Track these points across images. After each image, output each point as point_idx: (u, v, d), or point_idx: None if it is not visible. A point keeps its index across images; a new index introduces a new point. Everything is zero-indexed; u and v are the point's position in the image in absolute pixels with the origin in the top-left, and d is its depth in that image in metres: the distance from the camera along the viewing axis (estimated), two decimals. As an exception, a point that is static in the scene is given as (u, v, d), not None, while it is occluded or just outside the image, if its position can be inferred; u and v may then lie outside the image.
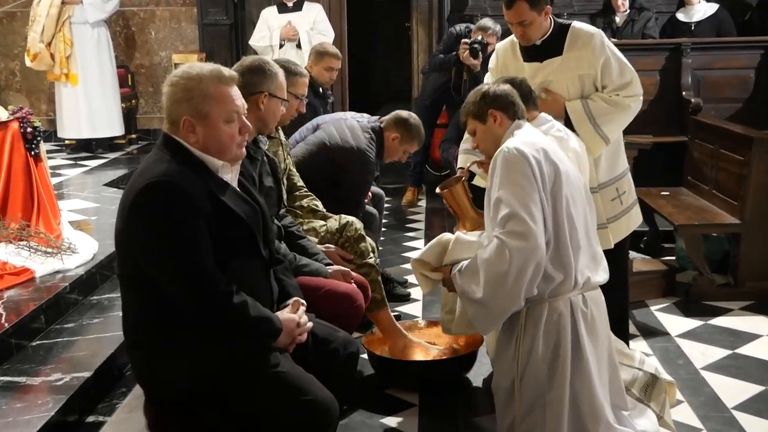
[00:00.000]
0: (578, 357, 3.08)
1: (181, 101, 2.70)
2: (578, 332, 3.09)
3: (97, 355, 3.86)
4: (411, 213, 8.05)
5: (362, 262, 4.25)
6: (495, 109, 3.25)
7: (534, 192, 2.99)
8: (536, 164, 3.02)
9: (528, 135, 3.17)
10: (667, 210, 5.70)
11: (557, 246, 3.05)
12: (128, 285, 2.77)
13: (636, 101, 3.98)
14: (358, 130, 4.88)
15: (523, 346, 3.11)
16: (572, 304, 3.09)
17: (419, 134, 4.99)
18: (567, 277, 3.07)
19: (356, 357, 3.18)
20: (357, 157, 4.77)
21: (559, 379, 3.06)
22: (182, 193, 2.59)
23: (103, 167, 7.92)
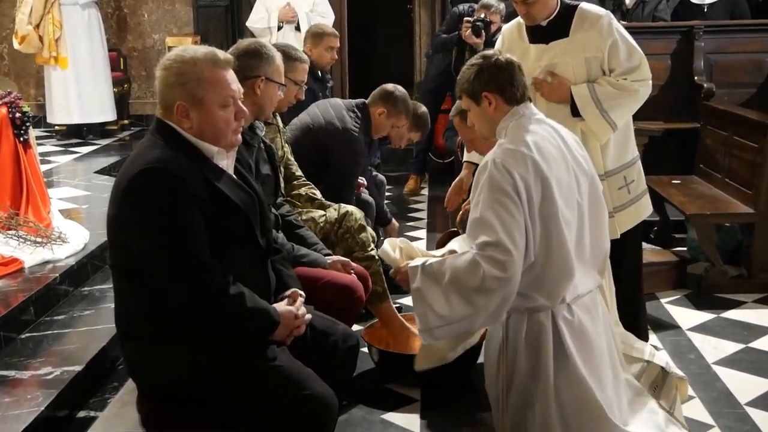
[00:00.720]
0: (564, 365, 3.04)
1: (175, 85, 2.69)
2: (562, 341, 3.04)
3: (88, 348, 3.86)
4: (413, 201, 8.05)
5: (363, 255, 4.25)
6: (490, 92, 3.11)
7: (519, 216, 2.90)
8: (523, 186, 2.91)
9: (523, 134, 3.05)
10: (678, 199, 5.69)
11: (543, 271, 2.98)
12: (121, 275, 2.77)
13: (644, 86, 3.96)
14: (342, 109, 4.88)
15: (507, 359, 3.11)
16: (554, 314, 3.05)
17: (406, 106, 4.97)
18: (549, 300, 3.03)
19: (356, 350, 3.18)
20: (341, 136, 4.76)
21: (543, 390, 3.04)
22: (176, 180, 2.59)
23: (95, 154, 7.92)
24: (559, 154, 3.06)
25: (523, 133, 3.05)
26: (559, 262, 2.99)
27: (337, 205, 4.39)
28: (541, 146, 3.02)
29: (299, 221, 3.98)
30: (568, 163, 3.07)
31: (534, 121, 3.11)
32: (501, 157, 2.97)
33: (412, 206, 7.87)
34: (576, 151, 3.17)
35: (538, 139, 3.04)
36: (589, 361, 3.09)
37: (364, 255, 4.27)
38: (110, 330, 3.89)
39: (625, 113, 3.99)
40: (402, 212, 7.62)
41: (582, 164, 3.15)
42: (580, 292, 3.09)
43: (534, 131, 3.07)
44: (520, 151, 2.98)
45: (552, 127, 3.17)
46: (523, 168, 2.95)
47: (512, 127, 3.08)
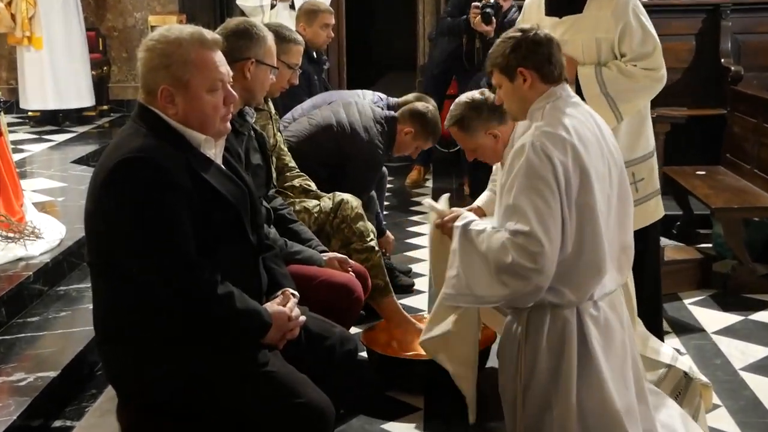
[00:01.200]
0: (588, 366, 3.04)
1: (159, 68, 2.69)
2: (587, 339, 3.03)
3: (64, 353, 3.86)
4: (416, 194, 8.05)
5: (362, 246, 4.25)
6: (526, 68, 3.07)
7: (556, 205, 2.89)
8: (562, 172, 2.90)
9: (561, 117, 3.03)
10: (702, 191, 5.70)
11: (574, 265, 2.97)
12: (100, 274, 2.77)
13: (655, 77, 3.94)
14: (369, 119, 4.86)
15: (526, 357, 3.09)
16: (579, 309, 3.05)
17: (435, 131, 4.99)
18: (577, 296, 3.02)
19: (354, 355, 3.19)
20: (366, 149, 4.78)
21: (564, 394, 3.02)
22: (160, 171, 2.59)
23: (71, 142, 7.92)
24: (596, 142, 3.04)
25: (560, 116, 3.02)
26: (591, 256, 2.97)
27: (332, 194, 4.39)
28: (580, 131, 3.01)
29: (293, 215, 3.98)
30: (603, 151, 3.06)
31: (571, 104, 3.09)
32: (540, 141, 2.95)
33: (415, 199, 7.87)
34: (609, 140, 3.15)
35: (577, 124, 3.02)
36: (611, 364, 3.09)
37: (363, 246, 4.27)
38: (88, 333, 3.88)
39: (631, 104, 3.96)
40: (404, 205, 7.62)
41: (614, 154, 3.14)
42: (607, 290, 3.09)
43: (572, 115, 3.04)
44: (559, 135, 2.96)
45: (588, 112, 3.15)
46: (563, 153, 2.93)
47: (549, 109, 3.05)
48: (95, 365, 3.93)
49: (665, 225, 5.76)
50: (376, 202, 5.28)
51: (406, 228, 6.87)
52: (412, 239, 6.54)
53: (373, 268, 4.22)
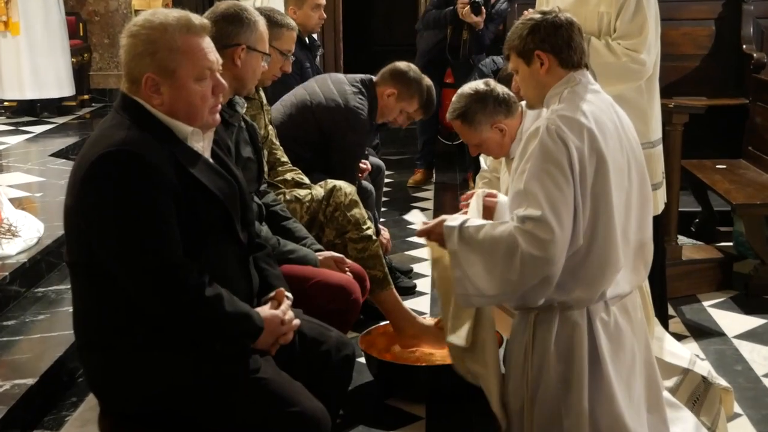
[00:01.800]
0: (597, 374, 3.04)
1: (143, 55, 2.69)
2: (597, 345, 3.03)
3: (42, 359, 3.86)
4: (416, 190, 8.05)
5: (359, 235, 4.25)
6: (544, 52, 3.07)
7: (569, 192, 2.89)
8: (578, 158, 2.90)
9: (579, 103, 3.02)
10: (723, 187, 5.69)
11: (585, 258, 2.97)
12: (80, 275, 2.78)
13: (635, 59, 3.96)
14: (344, 84, 4.88)
15: (533, 363, 3.09)
16: (589, 312, 3.05)
17: (420, 90, 4.96)
18: (588, 292, 3.01)
19: (352, 361, 3.19)
20: (344, 116, 4.77)
21: (575, 403, 3.02)
22: (144, 165, 2.59)
23: (50, 134, 7.92)
24: (615, 132, 3.04)
25: (579, 101, 3.02)
26: (604, 250, 2.96)
27: (324, 182, 4.39)
28: (599, 119, 3.00)
29: (286, 212, 3.98)
30: (623, 143, 3.05)
31: (591, 91, 3.08)
32: (555, 124, 2.94)
33: (416, 195, 7.88)
34: (630, 133, 3.15)
35: (596, 111, 3.01)
36: (619, 373, 3.08)
37: (360, 235, 4.27)
38: (68, 337, 3.89)
39: (610, 85, 3.93)
40: (405, 201, 7.63)
41: (636, 150, 3.13)
42: (621, 292, 3.08)
43: (591, 101, 3.04)
44: (576, 120, 2.95)
45: (609, 102, 3.15)
46: (579, 138, 2.92)
47: (567, 95, 3.05)
48: (75, 372, 3.94)
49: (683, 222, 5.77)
50: (373, 195, 5.28)
51: (406, 226, 6.87)
52: (413, 237, 6.53)
53: (371, 258, 4.22)
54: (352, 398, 3.96)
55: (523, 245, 2.86)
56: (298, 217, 4.15)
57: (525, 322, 3.11)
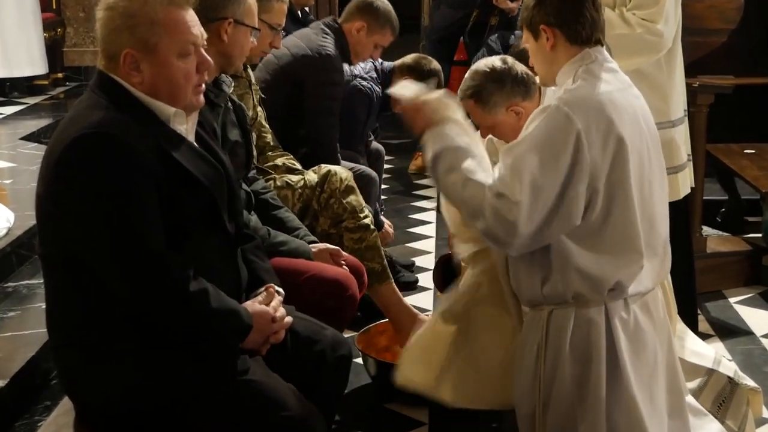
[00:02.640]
0: (615, 376, 3.05)
1: (121, 30, 2.69)
2: (616, 345, 3.03)
3: (13, 359, 3.87)
4: (418, 177, 8.06)
5: (355, 224, 4.26)
6: (549, 26, 3.06)
7: (557, 179, 2.87)
8: (586, 141, 2.88)
9: (595, 82, 3.01)
10: (751, 173, 5.70)
11: (603, 251, 2.97)
12: (54, 268, 2.78)
13: (651, 30, 3.96)
14: (308, 34, 4.97)
15: (546, 364, 3.09)
16: (608, 309, 3.04)
17: (390, 19, 5.03)
18: (603, 288, 3.02)
19: (348, 361, 3.20)
20: (310, 59, 4.82)
21: (592, 408, 3.02)
22: (123, 149, 2.60)
23: (21, 116, 7.91)
24: (633, 116, 3.04)
25: (594, 80, 3.01)
26: (620, 240, 2.97)
27: (318, 167, 4.40)
28: (616, 100, 2.99)
29: (277, 200, 3.99)
30: (641, 128, 3.05)
31: (607, 69, 3.07)
32: (567, 101, 2.93)
33: (418, 182, 7.88)
34: (648, 118, 3.15)
35: (613, 90, 3.01)
36: (639, 375, 3.09)
37: (357, 224, 4.28)
38: (41, 336, 3.89)
39: (625, 58, 3.93)
40: (406, 188, 7.64)
41: (655, 135, 3.14)
42: (643, 288, 3.08)
43: (607, 80, 3.03)
44: (589, 99, 2.95)
45: (628, 82, 3.14)
46: (593, 120, 2.91)
47: (581, 73, 3.03)
48: (49, 373, 3.94)
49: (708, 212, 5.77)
50: (376, 183, 5.28)
51: (408, 215, 6.88)
52: (416, 228, 6.55)
53: (369, 249, 4.23)
54: (349, 402, 3.98)
55: (489, 219, 2.87)
56: (290, 205, 4.16)
57: (537, 320, 3.12)
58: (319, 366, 3.08)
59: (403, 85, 3.23)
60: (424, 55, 5.70)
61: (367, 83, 5.39)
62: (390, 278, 4.36)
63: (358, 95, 5.36)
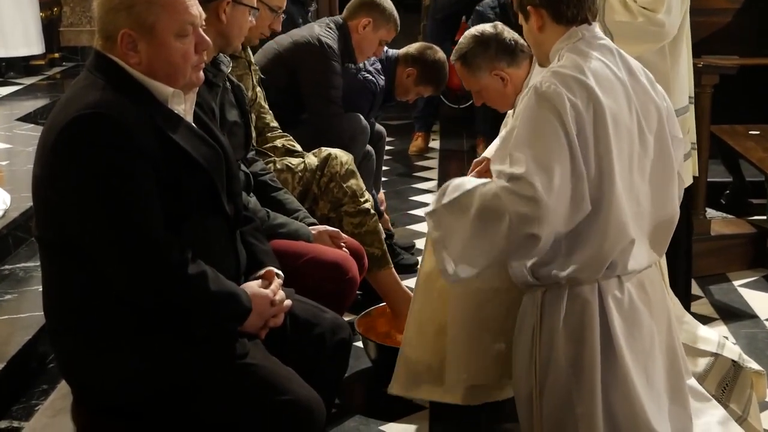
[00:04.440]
0: (611, 357, 3.05)
1: (118, 9, 2.68)
2: (609, 324, 3.05)
3: (9, 343, 3.87)
4: (419, 158, 8.05)
5: (355, 208, 4.25)
6: (535, 7, 3.12)
7: (562, 153, 2.90)
8: (573, 116, 2.92)
9: (578, 58, 3.05)
10: (756, 155, 5.69)
11: (591, 220, 2.98)
12: (51, 251, 2.78)
13: (652, 20, 3.87)
14: (312, 25, 5.04)
15: (541, 345, 3.10)
16: (601, 288, 3.06)
17: (394, 14, 5.08)
18: (594, 263, 3.02)
19: (348, 345, 3.20)
20: (309, 47, 4.87)
21: (588, 389, 3.03)
22: (121, 129, 2.59)
23: (17, 96, 7.89)
24: (622, 90, 3.05)
25: (578, 57, 3.06)
26: (609, 214, 2.99)
27: (318, 149, 4.40)
28: (600, 74, 3.03)
29: (276, 182, 3.98)
30: (631, 102, 3.06)
31: (597, 47, 3.10)
32: (549, 81, 2.98)
33: (419, 163, 7.87)
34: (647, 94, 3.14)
35: (598, 67, 3.05)
36: (635, 355, 3.09)
37: (357, 209, 4.28)
38: (38, 319, 3.89)
39: (628, 45, 3.91)
40: (407, 171, 7.63)
41: (650, 111, 3.13)
42: (635, 267, 3.09)
43: (594, 57, 3.06)
44: (571, 75, 2.99)
45: (622, 57, 3.15)
46: (574, 94, 2.95)
47: (566, 51, 3.09)
48: (46, 357, 3.94)
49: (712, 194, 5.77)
50: (373, 159, 5.29)
51: (408, 197, 6.88)
52: (416, 210, 6.54)
53: (369, 234, 4.23)
54: (349, 386, 3.98)
55: (509, 206, 2.87)
56: (290, 189, 4.16)
57: (532, 301, 3.14)
58: (318, 350, 3.08)
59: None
60: (430, 45, 5.71)
61: (370, 76, 5.40)
62: (389, 264, 4.36)
63: (362, 89, 5.39)
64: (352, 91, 5.32)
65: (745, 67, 5.87)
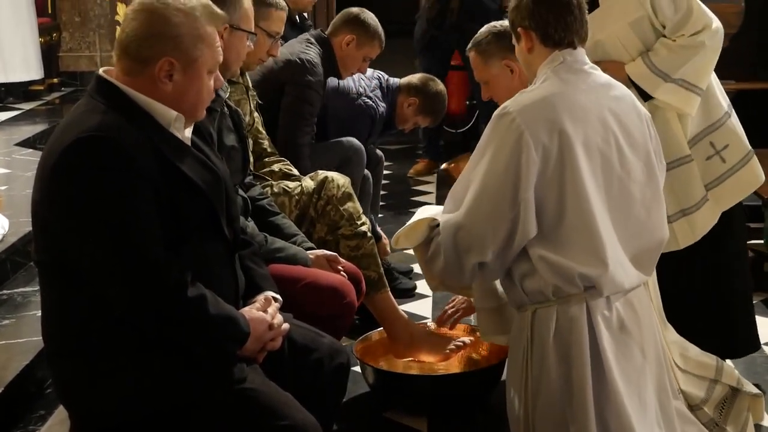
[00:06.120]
0: (601, 376, 3.06)
1: (165, 37, 2.70)
2: (598, 343, 3.06)
3: (7, 368, 3.86)
4: (418, 182, 8.05)
5: (352, 231, 4.25)
6: (525, 29, 3.20)
7: (504, 176, 3.01)
8: (532, 143, 2.99)
9: (552, 84, 3.11)
10: (753, 179, 5.68)
11: (558, 241, 3.05)
12: (50, 275, 2.78)
13: (709, 35, 3.90)
14: (293, 42, 5.04)
15: (533, 364, 3.12)
16: (589, 307, 3.08)
17: (378, 31, 5.09)
18: (568, 281, 3.06)
19: (346, 370, 3.19)
20: (292, 64, 4.86)
21: (580, 407, 3.03)
22: (121, 152, 2.60)
23: (16, 121, 7.90)
24: (598, 116, 3.09)
25: (552, 82, 3.13)
26: (576, 235, 3.04)
27: (315, 173, 4.41)
28: (573, 100, 3.09)
29: (274, 206, 3.99)
30: (608, 128, 3.10)
31: (576, 71, 3.15)
32: (509, 106, 3.07)
33: (417, 188, 7.88)
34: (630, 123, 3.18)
35: (571, 92, 3.11)
36: (629, 376, 3.10)
37: (354, 231, 4.28)
38: (36, 344, 3.89)
39: (704, 72, 3.93)
40: (405, 194, 7.64)
41: (635, 138, 3.16)
42: (622, 286, 3.11)
43: (570, 82, 3.13)
44: (538, 99, 3.07)
45: (605, 84, 3.19)
46: (537, 119, 3.02)
47: (543, 75, 3.18)
48: (44, 382, 3.94)
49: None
50: (371, 183, 5.30)
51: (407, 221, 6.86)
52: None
53: (365, 257, 4.23)
54: (347, 411, 3.97)
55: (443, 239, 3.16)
56: (287, 212, 4.16)
57: (523, 321, 3.17)
58: (317, 374, 3.08)
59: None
60: (431, 76, 5.74)
61: (371, 101, 5.42)
62: (386, 287, 4.36)
63: (361, 114, 5.40)
64: (351, 114, 5.34)
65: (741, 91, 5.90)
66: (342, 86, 5.33)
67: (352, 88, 5.39)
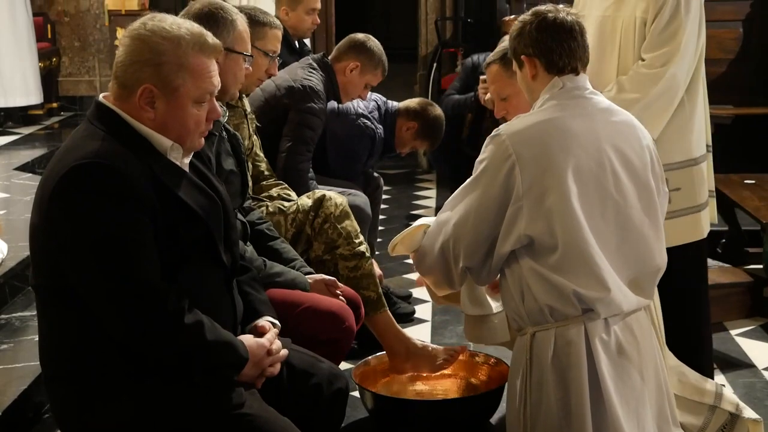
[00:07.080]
0: (599, 401, 3.05)
1: (147, 63, 2.70)
2: (597, 367, 3.05)
3: (5, 393, 3.85)
4: (416, 206, 8.06)
5: (351, 251, 4.24)
6: (528, 57, 3.22)
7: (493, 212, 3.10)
8: (519, 168, 3.04)
9: (549, 110, 3.15)
10: (752, 204, 5.69)
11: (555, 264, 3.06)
12: (47, 300, 2.77)
13: (658, 79, 3.79)
14: (295, 67, 5.04)
15: (531, 387, 3.11)
16: (587, 330, 3.07)
17: (383, 59, 5.12)
18: (564, 302, 3.06)
19: (345, 395, 3.18)
20: (294, 90, 4.86)
21: (578, 430, 3.03)
22: (120, 179, 2.60)
23: (15, 146, 7.92)
24: (594, 143, 3.10)
25: (548, 108, 3.16)
26: (577, 264, 3.04)
27: (311, 192, 4.40)
28: (566, 124, 3.12)
29: (273, 231, 3.98)
30: (603, 154, 3.10)
31: (575, 97, 3.18)
32: (505, 130, 3.12)
33: (415, 212, 7.88)
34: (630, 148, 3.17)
35: (567, 117, 3.13)
36: (628, 402, 3.09)
37: (352, 251, 4.26)
38: (34, 369, 3.88)
39: (651, 122, 3.84)
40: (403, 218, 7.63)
41: (633, 163, 3.16)
42: (621, 310, 3.10)
43: (567, 107, 3.16)
44: (532, 126, 3.11)
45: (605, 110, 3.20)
46: (527, 145, 3.07)
47: (542, 101, 3.21)
48: (42, 407, 3.93)
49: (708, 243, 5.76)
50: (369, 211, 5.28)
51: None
52: (413, 259, 6.52)
53: (364, 277, 4.21)
54: (346, 436, 3.96)
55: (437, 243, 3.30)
56: (282, 231, 4.16)
57: (522, 345, 3.17)
58: (315, 400, 3.07)
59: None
60: (430, 101, 5.77)
61: (370, 123, 5.43)
62: (385, 306, 4.34)
63: (360, 135, 5.42)
64: (350, 135, 5.34)
65: (739, 116, 5.90)
66: (341, 108, 5.34)
67: (351, 109, 5.40)
